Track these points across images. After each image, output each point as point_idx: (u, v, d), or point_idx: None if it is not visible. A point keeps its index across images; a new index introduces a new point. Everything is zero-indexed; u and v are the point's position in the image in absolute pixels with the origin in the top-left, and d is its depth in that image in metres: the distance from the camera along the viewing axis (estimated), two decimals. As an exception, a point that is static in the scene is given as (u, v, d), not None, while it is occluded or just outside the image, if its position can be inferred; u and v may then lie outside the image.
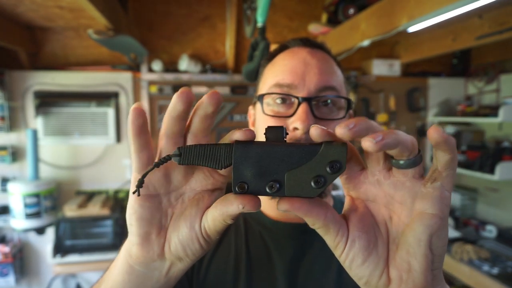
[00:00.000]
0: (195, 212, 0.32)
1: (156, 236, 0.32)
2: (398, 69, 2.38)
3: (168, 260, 0.33)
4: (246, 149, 0.28)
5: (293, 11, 2.28)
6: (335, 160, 0.26)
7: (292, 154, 0.27)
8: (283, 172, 0.27)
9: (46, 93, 2.02)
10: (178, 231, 0.32)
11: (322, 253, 0.57)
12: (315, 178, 0.27)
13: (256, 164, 0.28)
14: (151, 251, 0.32)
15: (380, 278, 0.29)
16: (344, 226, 0.29)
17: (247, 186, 0.28)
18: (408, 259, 0.28)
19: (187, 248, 0.32)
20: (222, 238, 0.60)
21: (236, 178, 0.28)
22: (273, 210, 0.61)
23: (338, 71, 0.59)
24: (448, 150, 0.25)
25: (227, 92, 2.22)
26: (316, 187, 0.27)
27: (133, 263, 0.33)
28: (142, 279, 0.34)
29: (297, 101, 0.53)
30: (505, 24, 1.58)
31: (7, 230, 2.03)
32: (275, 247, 0.57)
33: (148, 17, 2.13)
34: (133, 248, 0.32)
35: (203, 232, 0.32)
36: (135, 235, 0.32)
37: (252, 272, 0.56)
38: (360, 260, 0.29)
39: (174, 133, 0.30)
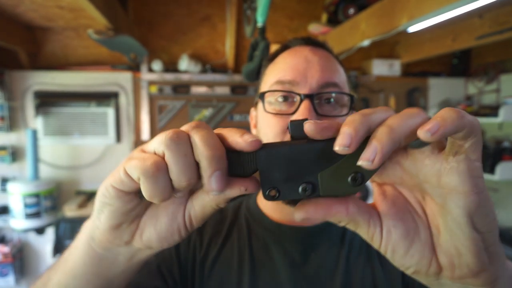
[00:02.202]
0: (179, 201, 0.29)
1: (128, 225, 0.30)
2: (398, 69, 2.38)
3: (136, 246, 0.31)
4: (272, 153, 0.26)
5: (293, 11, 2.28)
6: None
7: (323, 151, 0.25)
8: (315, 172, 0.25)
9: (46, 93, 2.02)
10: (155, 222, 0.29)
11: (328, 257, 0.56)
12: (352, 175, 0.25)
13: (284, 167, 0.26)
14: (118, 239, 0.30)
15: (430, 267, 0.26)
16: (375, 215, 0.26)
17: (278, 192, 0.26)
18: (454, 244, 0.25)
19: (163, 240, 0.30)
20: (224, 241, 0.59)
21: (265, 184, 0.26)
22: (277, 212, 0.60)
23: (340, 69, 0.58)
24: (465, 117, 0.22)
25: (227, 92, 2.22)
26: (354, 185, 0.25)
27: (96, 246, 0.31)
28: (104, 263, 0.31)
29: (299, 98, 0.52)
30: (505, 24, 1.58)
31: (7, 230, 2.03)
32: (278, 251, 0.56)
33: (148, 17, 2.13)
34: (96, 232, 0.30)
35: (187, 221, 0.30)
36: (103, 223, 0.29)
37: (256, 276, 0.54)
38: (402, 250, 0.26)
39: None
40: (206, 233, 0.60)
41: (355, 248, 0.57)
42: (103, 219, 0.29)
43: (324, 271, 0.54)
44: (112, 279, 0.33)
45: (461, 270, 0.25)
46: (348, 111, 0.55)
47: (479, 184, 0.23)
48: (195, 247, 0.58)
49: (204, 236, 0.59)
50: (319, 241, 0.57)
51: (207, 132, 0.26)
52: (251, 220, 0.61)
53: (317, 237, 0.57)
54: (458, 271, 0.25)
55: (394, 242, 0.26)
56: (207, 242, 0.58)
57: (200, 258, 0.57)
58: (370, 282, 0.54)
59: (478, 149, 0.23)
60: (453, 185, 0.23)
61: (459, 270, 0.25)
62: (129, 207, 0.28)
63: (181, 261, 0.56)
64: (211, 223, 0.61)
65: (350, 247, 0.57)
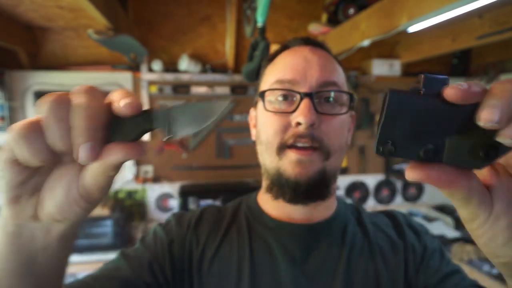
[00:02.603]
0: (73, 171, 0.29)
1: (27, 199, 0.29)
2: (398, 69, 2.38)
3: (44, 220, 0.30)
4: (403, 101, 0.23)
5: (293, 11, 2.28)
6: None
7: (458, 116, 0.22)
8: (443, 135, 0.23)
9: (46, 93, 2.01)
10: (53, 193, 0.29)
11: (329, 254, 0.56)
12: (486, 147, 0.22)
13: (411, 121, 0.23)
14: (22, 212, 0.29)
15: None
16: (488, 198, 0.24)
17: (395, 147, 0.23)
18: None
19: (64, 212, 0.29)
20: (223, 239, 0.59)
21: (383, 135, 0.23)
22: (277, 210, 0.60)
23: (339, 68, 0.58)
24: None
25: (227, 92, 2.22)
26: (486, 159, 0.22)
27: (6, 223, 0.30)
28: (20, 240, 0.31)
29: (299, 96, 0.52)
30: (505, 24, 1.58)
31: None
32: (278, 248, 0.56)
33: (148, 17, 2.13)
34: (2, 209, 0.30)
35: (82, 191, 0.29)
36: (3, 197, 0.29)
37: (256, 274, 0.54)
38: (504, 239, 0.24)
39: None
40: (202, 232, 0.60)
41: (356, 247, 0.57)
42: (1, 192, 0.29)
43: (325, 269, 0.54)
44: (34, 255, 0.32)
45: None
46: (348, 110, 0.55)
47: None
48: (191, 246, 0.58)
49: (200, 234, 0.59)
50: (320, 239, 0.57)
51: (90, 99, 0.26)
52: (251, 218, 0.61)
53: (317, 235, 0.57)
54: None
55: (497, 229, 0.24)
56: (204, 240, 0.58)
57: (197, 256, 0.57)
58: (373, 281, 0.54)
59: None
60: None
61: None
62: (20, 178, 0.28)
63: (174, 260, 0.56)
64: (209, 222, 0.61)
65: (351, 245, 0.57)
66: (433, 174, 0.23)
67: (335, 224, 0.59)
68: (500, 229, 0.24)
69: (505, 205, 0.24)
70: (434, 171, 0.23)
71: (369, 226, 0.61)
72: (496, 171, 0.25)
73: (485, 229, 0.24)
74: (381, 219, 0.63)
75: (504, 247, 0.24)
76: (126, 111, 0.26)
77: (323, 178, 0.54)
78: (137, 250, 0.56)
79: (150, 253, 0.55)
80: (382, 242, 0.58)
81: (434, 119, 0.22)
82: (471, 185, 0.23)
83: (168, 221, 0.63)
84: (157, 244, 0.57)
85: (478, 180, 0.24)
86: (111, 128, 0.27)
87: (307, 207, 0.57)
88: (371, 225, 0.61)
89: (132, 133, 0.27)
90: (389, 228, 0.61)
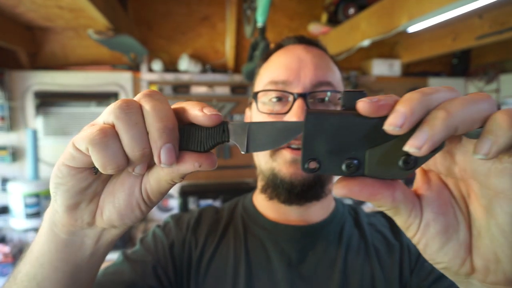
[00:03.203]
0: (134, 175, 0.28)
1: (86, 205, 0.29)
2: (398, 69, 2.38)
3: (99, 226, 0.30)
4: (320, 120, 0.24)
5: (293, 11, 2.28)
6: None
7: (375, 128, 0.23)
8: (363, 148, 0.23)
9: (46, 93, 2.02)
10: (113, 198, 0.29)
11: (325, 256, 0.55)
12: (404, 157, 0.22)
13: (331, 137, 0.23)
14: (79, 220, 0.29)
15: (462, 266, 0.24)
16: (417, 206, 0.24)
17: (319, 164, 0.24)
18: (494, 250, 0.23)
19: (124, 216, 0.29)
20: (220, 241, 0.58)
21: (306, 153, 0.24)
22: (273, 211, 0.59)
23: (334, 67, 0.57)
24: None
25: (227, 92, 2.22)
26: (405, 168, 0.22)
27: (59, 231, 0.30)
28: (70, 248, 0.31)
29: (292, 97, 0.51)
30: (505, 24, 1.58)
31: (7, 230, 2.03)
32: (274, 250, 0.56)
33: (148, 17, 2.13)
34: (56, 216, 0.29)
35: (144, 196, 0.29)
36: (60, 205, 0.28)
37: (252, 276, 0.54)
38: (437, 246, 0.24)
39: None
40: (201, 234, 0.59)
41: (352, 248, 0.57)
42: (59, 200, 0.28)
43: (321, 270, 0.54)
44: (80, 263, 0.32)
45: (496, 277, 0.23)
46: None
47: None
48: (190, 248, 0.58)
49: (199, 236, 0.59)
50: (316, 240, 0.56)
51: (159, 102, 0.25)
52: (247, 219, 0.61)
53: (314, 236, 0.57)
54: (492, 276, 0.23)
55: (430, 236, 0.24)
56: (203, 242, 0.58)
57: (195, 258, 0.57)
58: (368, 283, 0.53)
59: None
60: (502, 188, 0.21)
61: (493, 276, 0.23)
62: (83, 185, 0.27)
63: (176, 262, 0.56)
64: (207, 224, 0.61)
65: (347, 246, 0.57)
66: (354, 188, 0.23)
67: (331, 225, 0.59)
68: (431, 237, 0.24)
69: (434, 213, 0.24)
70: (355, 185, 0.23)
71: (366, 227, 0.60)
72: (428, 179, 0.26)
73: (419, 237, 0.25)
74: (378, 220, 0.63)
75: (439, 253, 0.24)
76: (207, 122, 0.25)
77: (318, 179, 0.54)
78: (139, 253, 0.56)
79: (152, 257, 0.55)
80: (379, 243, 0.58)
81: (353, 133, 0.23)
82: (395, 196, 0.23)
83: (167, 222, 0.62)
84: (158, 247, 0.57)
85: (405, 189, 0.24)
86: (183, 136, 0.26)
87: (302, 207, 0.57)
88: (368, 225, 0.61)
89: (206, 143, 0.26)
90: (386, 229, 0.61)
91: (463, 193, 0.25)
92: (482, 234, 0.24)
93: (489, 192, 0.22)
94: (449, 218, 0.24)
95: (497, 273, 0.23)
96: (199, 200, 2.03)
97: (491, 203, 0.22)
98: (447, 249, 0.24)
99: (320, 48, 0.59)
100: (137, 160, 0.25)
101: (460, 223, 0.25)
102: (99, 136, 0.24)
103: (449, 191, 0.25)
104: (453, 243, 0.24)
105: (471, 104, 0.21)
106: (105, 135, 0.24)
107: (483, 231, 0.23)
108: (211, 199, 2.04)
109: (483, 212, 0.23)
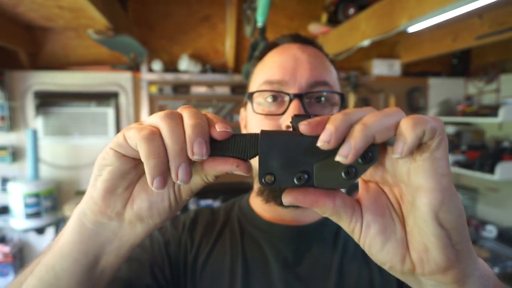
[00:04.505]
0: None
1: (122, 191, 0.31)
2: (398, 69, 2.38)
3: (127, 219, 0.31)
4: (273, 139, 0.27)
5: (293, 11, 2.28)
6: (367, 150, 0.25)
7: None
8: (311, 162, 0.27)
9: (46, 93, 2.02)
10: (147, 188, 0.31)
11: (322, 256, 0.55)
12: (345, 169, 0.26)
13: (283, 154, 0.27)
14: (111, 206, 0.31)
15: (404, 263, 0.27)
16: (358, 210, 0.28)
17: (274, 178, 0.27)
18: (421, 240, 0.26)
19: (153, 207, 0.31)
20: (216, 241, 0.58)
21: (263, 169, 0.27)
22: (269, 212, 0.59)
23: (330, 67, 0.57)
24: (420, 125, 0.24)
25: (227, 92, 2.22)
26: (347, 178, 0.26)
27: (87, 221, 0.31)
28: (93, 241, 0.32)
29: (288, 98, 0.51)
30: (505, 24, 1.58)
31: (7, 230, 2.03)
32: (270, 251, 0.55)
33: (148, 17, 2.13)
34: (90, 201, 0.31)
35: (176, 191, 0.31)
36: (99, 189, 0.30)
37: (248, 277, 0.54)
38: (378, 245, 0.27)
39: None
40: (197, 234, 0.59)
41: (350, 249, 0.56)
42: (100, 182, 0.30)
43: (317, 271, 0.54)
44: (99, 258, 0.32)
45: (430, 266, 0.26)
46: (339, 110, 0.54)
47: (442, 181, 0.24)
48: (186, 248, 0.58)
49: (194, 236, 0.59)
50: (312, 240, 0.56)
51: (193, 109, 0.29)
52: (243, 220, 0.61)
53: (310, 237, 0.57)
54: (427, 267, 0.26)
55: (371, 236, 0.27)
56: (198, 242, 0.58)
57: (191, 258, 0.56)
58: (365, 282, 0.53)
59: (443, 148, 0.24)
60: (419, 183, 0.25)
61: (427, 266, 0.26)
62: (126, 168, 0.30)
63: (172, 262, 0.56)
64: (203, 224, 0.61)
65: (344, 247, 0.56)
66: (298, 196, 0.27)
67: (327, 226, 0.58)
68: (373, 237, 0.27)
69: (372, 215, 0.28)
70: (299, 194, 0.27)
71: None
72: (367, 188, 0.29)
73: (363, 238, 0.28)
74: None
75: (381, 253, 0.27)
76: (218, 137, 0.28)
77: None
78: (135, 252, 0.55)
79: (149, 256, 0.55)
80: None
81: (300, 150, 0.27)
82: (336, 203, 0.27)
83: None
84: (154, 246, 0.57)
85: (344, 197, 0.28)
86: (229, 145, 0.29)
87: (299, 209, 0.56)
88: None
89: (250, 153, 0.29)
90: None
91: (397, 196, 0.28)
92: (411, 227, 0.27)
93: (411, 189, 0.26)
94: (386, 219, 0.28)
95: (429, 262, 0.26)
96: (199, 200, 2.03)
97: (414, 198, 0.26)
98: (388, 247, 0.27)
99: (315, 46, 0.58)
100: (176, 154, 0.27)
101: (396, 223, 0.28)
102: (148, 135, 0.27)
103: (385, 196, 0.29)
104: (391, 241, 0.27)
105: (383, 116, 0.25)
106: (153, 133, 0.27)
107: (412, 225, 0.27)
108: (211, 199, 2.04)
109: (410, 207, 0.27)
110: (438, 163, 0.24)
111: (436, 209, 0.24)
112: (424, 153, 0.24)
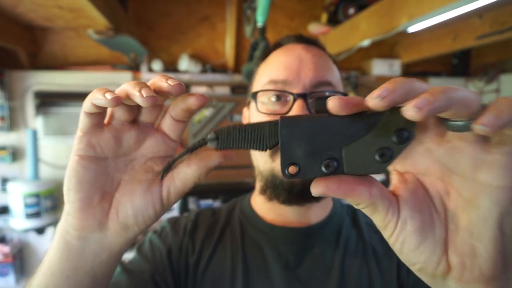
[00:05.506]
0: (152, 176, 0.30)
1: (98, 202, 0.30)
2: (398, 69, 2.38)
3: (111, 229, 0.30)
4: (294, 125, 0.24)
5: (293, 11, 2.28)
6: (403, 128, 0.22)
7: (348, 125, 0.23)
8: (339, 147, 0.23)
9: (46, 93, 2.02)
10: (131, 196, 0.30)
11: (323, 259, 0.55)
12: (379, 151, 0.23)
13: (307, 141, 0.24)
14: (91, 218, 0.30)
15: (438, 265, 0.24)
16: (395, 204, 0.24)
17: (299, 168, 0.24)
18: (471, 242, 0.23)
19: (139, 215, 0.30)
20: (217, 244, 0.58)
21: (285, 159, 0.24)
22: (270, 213, 0.59)
23: (334, 67, 0.57)
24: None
25: (227, 92, 2.22)
26: (382, 161, 0.23)
27: (70, 237, 0.30)
28: (79, 256, 0.31)
29: (292, 97, 0.51)
30: (505, 24, 1.58)
31: (7, 230, 2.02)
32: (271, 253, 0.55)
33: (148, 17, 2.13)
34: (69, 218, 0.30)
35: (165, 196, 0.30)
36: (73, 201, 0.29)
37: (249, 279, 0.54)
38: (413, 244, 0.24)
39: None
40: (198, 237, 0.59)
41: (350, 249, 0.56)
42: (72, 195, 0.29)
43: (318, 272, 0.54)
44: (90, 271, 0.32)
45: (472, 273, 0.23)
46: None
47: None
48: (187, 252, 0.57)
49: (196, 240, 0.58)
50: (314, 242, 0.56)
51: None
52: (244, 221, 0.60)
53: (311, 238, 0.56)
54: (468, 273, 0.23)
55: (406, 234, 0.24)
56: (200, 245, 0.58)
57: (192, 262, 0.56)
58: (366, 284, 0.53)
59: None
60: (490, 178, 0.21)
61: (469, 273, 0.23)
62: (91, 174, 0.29)
63: (174, 268, 0.55)
64: (204, 227, 0.60)
65: (345, 248, 0.56)
66: (331, 185, 0.23)
67: (329, 226, 0.58)
68: (408, 234, 0.24)
69: (410, 211, 0.24)
70: (332, 183, 0.23)
71: (364, 228, 0.60)
72: (404, 179, 0.26)
73: (396, 235, 0.25)
74: None
75: (415, 253, 0.24)
76: (173, 92, 0.27)
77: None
78: (136, 262, 0.55)
79: (150, 265, 0.54)
80: (376, 244, 0.58)
81: (327, 133, 0.24)
82: (372, 192, 0.24)
83: (163, 227, 0.62)
84: (156, 255, 0.56)
85: (381, 187, 0.24)
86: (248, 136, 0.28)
87: (302, 208, 0.56)
88: (366, 226, 0.60)
89: (270, 142, 0.27)
90: None
91: (439, 191, 0.25)
92: (461, 228, 0.24)
93: (474, 184, 0.22)
94: (425, 215, 0.24)
95: (473, 269, 0.23)
96: (199, 200, 2.03)
97: (476, 195, 0.22)
98: (423, 247, 0.24)
99: (319, 47, 0.59)
100: (138, 83, 0.26)
101: (435, 221, 0.25)
102: (107, 91, 0.27)
103: (424, 190, 0.25)
104: (429, 240, 0.24)
105: (463, 91, 0.21)
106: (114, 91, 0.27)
107: (463, 225, 0.23)
108: (211, 199, 2.04)
109: (464, 205, 0.23)
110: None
111: (504, 210, 0.21)
112: (506, 145, 0.21)
